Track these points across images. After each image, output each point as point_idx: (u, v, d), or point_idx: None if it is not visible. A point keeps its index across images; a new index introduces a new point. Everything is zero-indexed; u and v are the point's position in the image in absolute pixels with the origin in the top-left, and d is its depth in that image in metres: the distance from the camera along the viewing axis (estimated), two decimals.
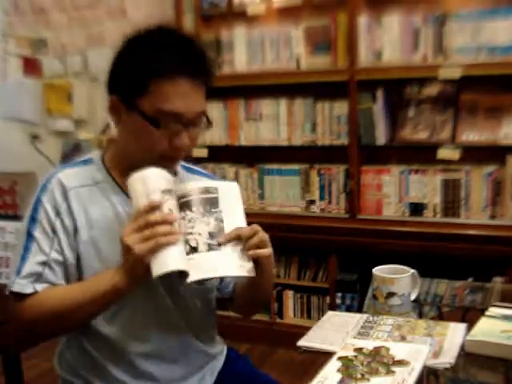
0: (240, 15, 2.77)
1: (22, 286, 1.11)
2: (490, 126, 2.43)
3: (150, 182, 1.04)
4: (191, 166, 1.36)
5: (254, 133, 2.86)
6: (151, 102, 1.09)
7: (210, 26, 2.90)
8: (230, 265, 1.06)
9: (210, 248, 1.05)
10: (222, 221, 1.08)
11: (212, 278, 1.13)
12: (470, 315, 1.25)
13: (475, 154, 2.47)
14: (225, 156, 2.96)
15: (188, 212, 1.06)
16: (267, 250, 1.11)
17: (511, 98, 2.41)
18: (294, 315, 2.88)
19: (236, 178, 2.89)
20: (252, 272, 1.08)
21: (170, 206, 1.03)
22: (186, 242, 1.04)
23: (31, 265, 1.12)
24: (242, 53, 2.81)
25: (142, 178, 1.04)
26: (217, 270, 1.05)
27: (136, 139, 1.14)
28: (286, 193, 2.82)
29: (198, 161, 1.32)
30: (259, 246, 1.09)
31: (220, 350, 1.36)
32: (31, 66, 3.58)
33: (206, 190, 1.09)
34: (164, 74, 1.09)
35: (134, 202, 1.05)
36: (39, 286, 1.12)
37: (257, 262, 1.09)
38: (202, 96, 1.15)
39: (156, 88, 1.09)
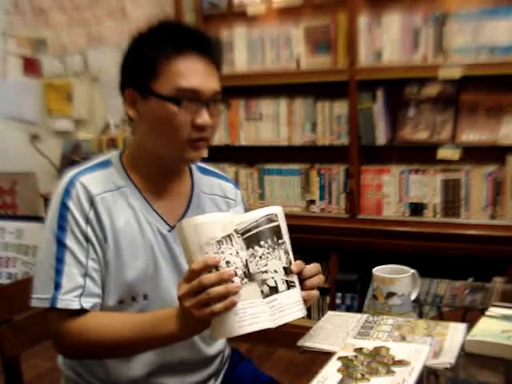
0: (240, 15, 2.77)
1: (67, 301, 1.06)
2: (490, 125, 2.43)
3: (203, 231, 0.94)
4: (205, 166, 1.33)
5: (253, 133, 2.86)
6: (167, 81, 1.08)
7: (210, 25, 2.90)
8: (302, 303, 0.99)
9: (289, 286, 0.98)
10: (288, 253, 1.01)
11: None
12: (470, 315, 1.24)
13: (475, 154, 2.46)
14: (225, 156, 2.96)
15: (257, 247, 0.97)
16: (317, 292, 1.05)
17: (511, 98, 2.41)
18: None
19: (236, 178, 2.89)
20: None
21: (227, 256, 0.94)
22: (263, 281, 0.96)
23: (71, 277, 1.07)
24: (242, 53, 2.81)
25: (194, 225, 0.94)
26: (298, 311, 0.98)
27: (158, 126, 1.11)
28: (286, 193, 2.82)
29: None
30: (317, 285, 1.04)
31: (227, 353, 1.36)
32: (31, 66, 3.58)
33: (270, 219, 1.00)
34: (175, 51, 1.09)
35: (185, 252, 0.97)
36: (85, 301, 1.07)
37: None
38: (216, 75, 1.15)
39: (170, 66, 1.08)
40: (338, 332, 1.16)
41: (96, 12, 3.36)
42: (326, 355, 1.04)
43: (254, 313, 0.93)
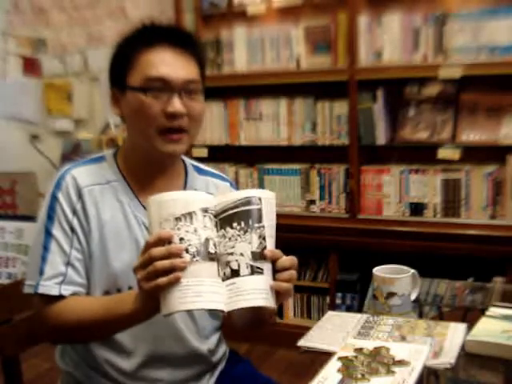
0: (240, 15, 2.76)
1: (47, 287, 1.10)
2: (490, 125, 2.43)
3: (165, 207, 0.93)
4: (201, 167, 1.34)
5: (253, 133, 2.86)
6: (138, 73, 1.13)
7: (210, 25, 2.90)
8: (268, 293, 0.95)
9: (253, 271, 0.94)
10: (264, 238, 0.96)
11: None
12: (470, 315, 1.24)
13: (475, 154, 2.46)
14: (225, 156, 2.96)
15: (228, 229, 0.95)
16: (291, 286, 1.00)
17: (511, 98, 2.41)
18: (294, 315, 2.88)
19: (236, 178, 2.89)
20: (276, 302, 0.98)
21: (182, 233, 0.92)
22: (227, 263, 0.94)
23: (54, 265, 1.11)
24: (242, 53, 2.81)
25: (158, 202, 0.94)
26: (258, 299, 0.94)
27: (133, 118, 1.16)
28: (286, 193, 2.82)
29: (198, 161, 1.33)
30: (289, 279, 1.00)
31: (222, 352, 1.36)
32: (31, 66, 3.58)
33: (248, 202, 0.96)
34: (144, 44, 1.14)
35: (149, 227, 0.98)
36: (65, 288, 1.11)
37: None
38: (190, 64, 1.16)
39: (141, 59, 1.14)
40: (337, 332, 1.16)
41: (96, 12, 3.36)
42: (326, 355, 1.04)
43: (199, 291, 0.91)
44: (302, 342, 1.13)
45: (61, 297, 1.11)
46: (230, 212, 0.96)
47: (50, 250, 1.12)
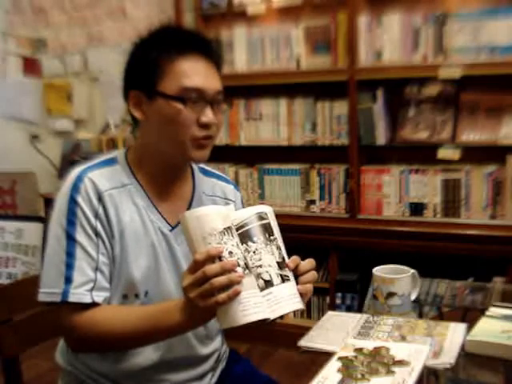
0: (240, 15, 2.77)
1: (79, 295, 1.08)
2: (490, 125, 2.43)
3: (206, 221, 0.95)
4: (206, 168, 1.35)
5: (254, 133, 2.86)
6: (172, 82, 1.12)
7: (210, 25, 2.90)
8: (298, 295, 1.00)
9: (283, 279, 0.98)
10: (280, 248, 1.01)
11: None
12: (470, 315, 1.24)
13: (475, 154, 2.46)
14: (225, 156, 2.96)
15: (250, 243, 0.98)
16: (312, 286, 1.05)
17: (511, 98, 2.41)
18: (294, 315, 2.88)
19: (236, 178, 2.89)
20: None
21: (229, 247, 0.95)
22: (258, 275, 0.97)
23: (82, 271, 1.09)
24: (242, 53, 2.81)
25: (197, 217, 0.95)
26: (295, 303, 0.98)
27: (164, 125, 1.13)
28: (286, 193, 2.82)
29: None
30: (312, 280, 1.05)
31: (224, 352, 1.37)
32: (31, 66, 3.58)
33: (260, 217, 1.01)
34: (178, 52, 1.13)
35: (189, 243, 0.97)
36: (96, 295, 1.09)
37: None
38: (217, 75, 1.19)
39: (174, 67, 1.12)
40: (338, 332, 1.16)
41: (96, 12, 3.36)
42: (326, 355, 1.04)
43: (256, 302, 0.94)
44: (302, 342, 1.13)
45: (92, 304, 1.09)
46: (247, 227, 0.99)
47: (75, 256, 1.09)
